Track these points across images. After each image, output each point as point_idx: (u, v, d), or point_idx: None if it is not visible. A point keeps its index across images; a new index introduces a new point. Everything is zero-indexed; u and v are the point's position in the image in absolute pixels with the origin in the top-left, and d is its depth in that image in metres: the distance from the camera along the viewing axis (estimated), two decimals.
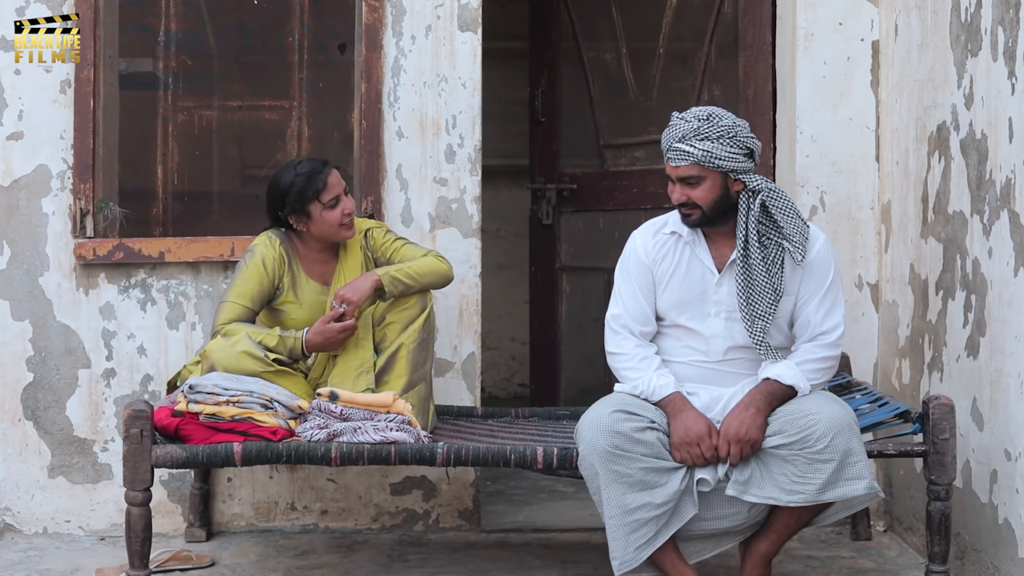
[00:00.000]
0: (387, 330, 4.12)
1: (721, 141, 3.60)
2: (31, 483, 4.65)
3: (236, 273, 4.14)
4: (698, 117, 3.63)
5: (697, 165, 3.61)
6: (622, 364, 3.74)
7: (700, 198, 3.64)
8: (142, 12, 5.08)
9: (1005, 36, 3.66)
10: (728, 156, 3.60)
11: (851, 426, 3.54)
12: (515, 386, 7.64)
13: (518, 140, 7.03)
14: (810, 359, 3.69)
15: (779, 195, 3.66)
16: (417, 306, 4.13)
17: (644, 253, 3.78)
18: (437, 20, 4.65)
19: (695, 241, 3.74)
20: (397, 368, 4.10)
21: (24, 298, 4.63)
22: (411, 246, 4.24)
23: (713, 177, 3.63)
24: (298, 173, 4.09)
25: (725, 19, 5.02)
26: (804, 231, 3.64)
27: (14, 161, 4.61)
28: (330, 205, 4.09)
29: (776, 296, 3.63)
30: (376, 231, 4.26)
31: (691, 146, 3.60)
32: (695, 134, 3.60)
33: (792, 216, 3.65)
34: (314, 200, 4.08)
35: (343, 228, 4.13)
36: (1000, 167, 3.68)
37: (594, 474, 3.57)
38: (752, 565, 3.70)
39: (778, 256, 3.64)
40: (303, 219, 4.11)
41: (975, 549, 3.91)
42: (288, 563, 4.35)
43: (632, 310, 3.76)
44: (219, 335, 4.03)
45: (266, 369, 3.95)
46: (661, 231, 3.79)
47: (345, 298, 4.01)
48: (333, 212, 4.10)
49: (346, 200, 4.13)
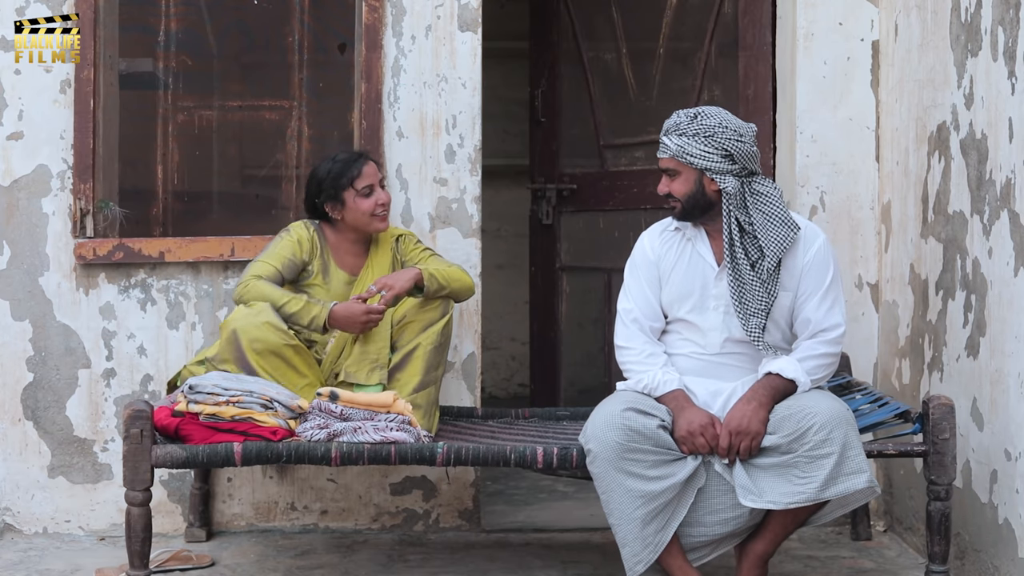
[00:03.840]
0: (406, 329, 4.15)
1: (696, 139, 3.67)
2: (31, 483, 4.65)
3: (269, 245, 4.26)
4: (687, 114, 3.73)
5: (672, 159, 3.73)
6: (629, 358, 3.78)
7: (677, 191, 3.75)
8: (142, 12, 5.08)
9: (1005, 36, 3.66)
10: (700, 154, 3.67)
11: (848, 420, 3.56)
12: (515, 386, 7.64)
13: (518, 140, 7.03)
14: (811, 355, 3.71)
15: (765, 200, 3.68)
16: (439, 310, 4.17)
17: (651, 250, 3.85)
18: (437, 20, 4.65)
19: (696, 236, 3.80)
20: (411, 367, 4.11)
21: (24, 298, 4.63)
22: (437, 257, 4.32)
23: (688, 172, 3.71)
24: (336, 161, 4.25)
25: (725, 19, 5.02)
26: (785, 239, 3.67)
27: (14, 161, 4.61)
28: (364, 193, 4.21)
29: (768, 295, 3.66)
30: (407, 238, 4.37)
31: (670, 139, 3.72)
32: (675, 128, 3.72)
33: (773, 224, 3.67)
34: (348, 187, 4.20)
35: (376, 218, 4.24)
36: (1000, 167, 3.68)
37: (605, 471, 3.58)
38: (749, 565, 3.70)
39: (760, 259, 3.67)
40: (337, 206, 4.23)
41: (975, 549, 3.91)
42: (288, 563, 4.35)
43: (642, 305, 3.82)
44: (243, 304, 4.07)
45: (287, 342, 3.98)
46: (667, 229, 3.87)
47: (386, 284, 4.07)
48: (367, 200, 4.21)
49: (380, 191, 4.25)
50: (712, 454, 3.61)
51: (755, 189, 3.69)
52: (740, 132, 3.69)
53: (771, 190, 3.71)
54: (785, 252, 3.68)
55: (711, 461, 3.62)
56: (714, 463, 3.62)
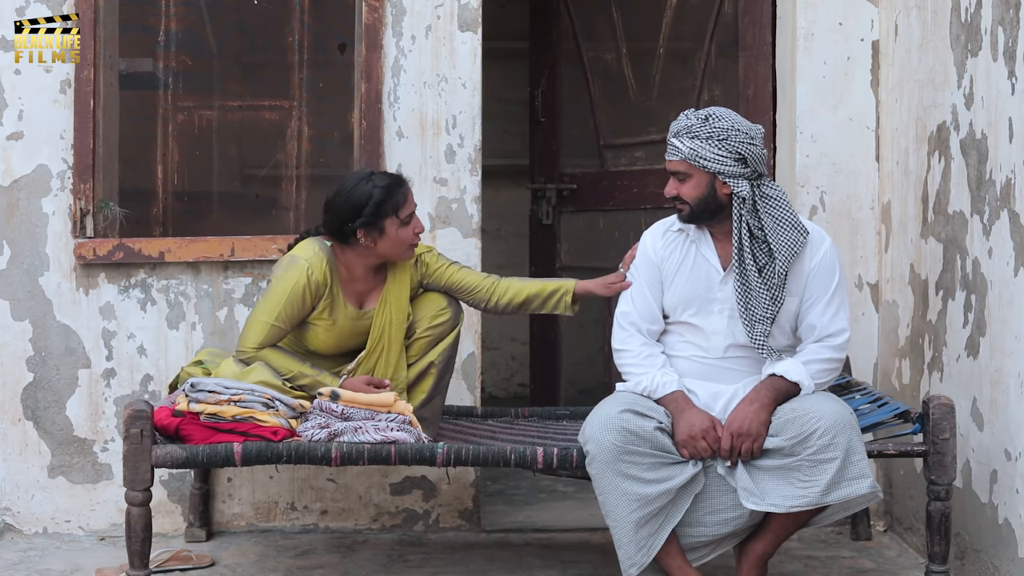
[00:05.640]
0: (415, 345, 4.07)
1: (710, 142, 3.63)
2: (31, 483, 4.65)
3: (275, 286, 3.91)
4: (698, 116, 3.68)
5: (684, 162, 3.67)
6: (627, 360, 3.77)
7: (687, 194, 3.69)
8: (142, 12, 5.08)
9: (1005, 36, 3.66)
10: (714, 157, 3.63)
11: (853, 424, 3.55)
12: (515, 386, 7.65)
13: (518, 140, 7.03)
14: (816, 359, 3.69)
15: (775, 204, 3.66)
16: (449, 323, 4.08)
17: (652, 251, 3.82)
18: (437, 20, 4.65)
19: (700, 239, 3.77)
20: (423, 384, 4.08)
21: (24, 298, 4.63)
22: (467, 270, 4.12)
23: (700, 176, 3.67)
24: (376, 185, 3.88)
25: (725, 19, 5.02)
26: (796, 243, 3.64)
27: (14, 161, 4.61)
28: (406, 222, 3.91)
29: (775, 301, 3.63)
30: (427, 256, 4.09)
31: (681, 142, 3.67)
32: (687, 131, 3.66)
33: (784, 228, 3.65)
34: (392, 215, 3.88)
35: (410, 249, 3.95)
36: (1000, 167, 3.68)
37: (602, 473, 3.57)
38: (749, 566, 3.70)
39: (770, 264, 3.65)
40: (374, 234, 3.89)
41: (975, 549, 3.91)
42: (288, 563, 4.35)
43: (640, 308, 3.80)
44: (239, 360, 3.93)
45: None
46: (670, 229, 3.84)
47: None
48: (406, 229, 3.91)
49: (417, 219, 3.96)
50: (714, 458, 3.61)
51: (765, 193, 3.67)
52: (751, 135, 3.66)
53: (779, 193, 3.69)
54: (796, 256, 3.65)
55: (713, 465, 3.62)
56: (716, 466, 3.61)
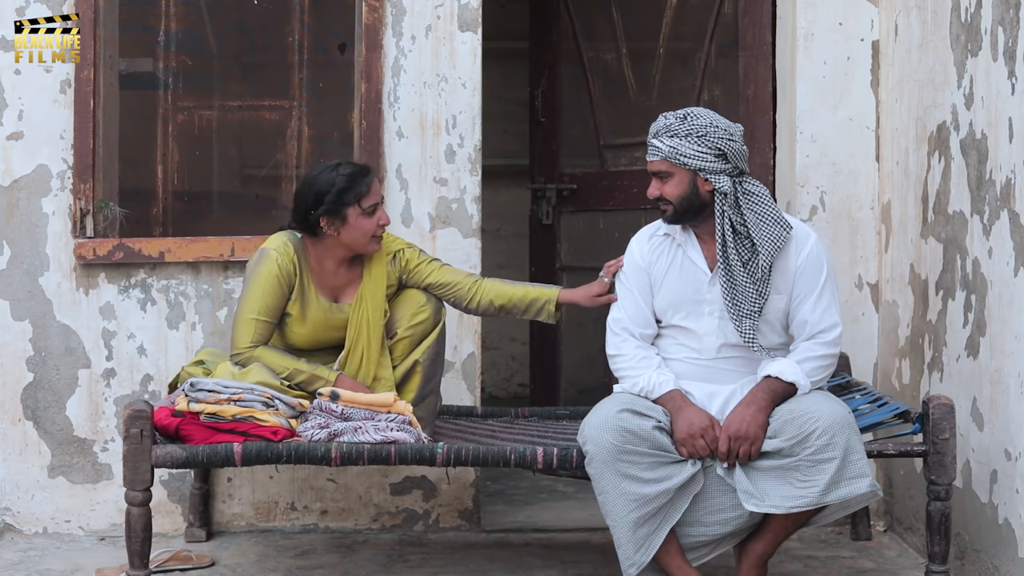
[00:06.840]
0: (398, 345, 4.07)
1: (689, 139, 3.65)
2: (31, 483, 4.65)
3: (250, 281, 3.95)
4: (677, 115, 3.70)
5: (665, 161, 3.69)
6: (623, 364, 3.77)
7: (670, 194, 3.71)
8: (142, 12, 5.08)
9: (1005, 36, 3.66)
10: (694, 154, 3.64)
11: (851, 424, 3.55)
12: (515, 386, 7.65)
13: (518, 140, 7.03)
14: (810, 356, 3.69)
15: (757, 200, 3.67)
16: (430, 320, 4.07)
17: (640, 256, 3.83)
18: (437, 20, 4.65)
19: (686, 241, 3.78)
20: (411, 383, 4.07)
21: (24, 298, 4.63)
22: (448, 267, 4.13)
23: (681, 173, 3.68)
24: (340, 173, 3.92)
25: (725, 19, 5.03)
26: (778, 238, 3.65)
27: (14, 161, 4.61)
28: (368, 212, 3.93)
29: (760, 295, 3.64)
30: (407, 251, 4.10)
31: (661, 142, 3.69)
32: (666, 130, 3.69)
33: (766, 223, 3.65)
34: (354, 203, 3.91)
35: (374, 240, 3.97)
36: (1000, 167, 3.68)
37: (601, 473, 3.57)
38: (748, 566, 3.70)
39: (753, 259, 3.65)
40: (336, 222, 3.93)
41: (975, 549, 3.91)
42: (288, 563, 4.35)
43: (632, 314, 3.80)
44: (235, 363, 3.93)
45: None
46: (656, 234, 3.84)
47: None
48: (369, 220, 3.94)
49: (382, 211, 3.98)
50: (712, 457, 3.61)
51: (747, 189, 3.68)
52: (731, 132, 3.68)
53: (761, 190, 3.70)
54: (779, 251, 3.66)
55: (712, 465, 3.62)
56: (716, 468, 3.61)
